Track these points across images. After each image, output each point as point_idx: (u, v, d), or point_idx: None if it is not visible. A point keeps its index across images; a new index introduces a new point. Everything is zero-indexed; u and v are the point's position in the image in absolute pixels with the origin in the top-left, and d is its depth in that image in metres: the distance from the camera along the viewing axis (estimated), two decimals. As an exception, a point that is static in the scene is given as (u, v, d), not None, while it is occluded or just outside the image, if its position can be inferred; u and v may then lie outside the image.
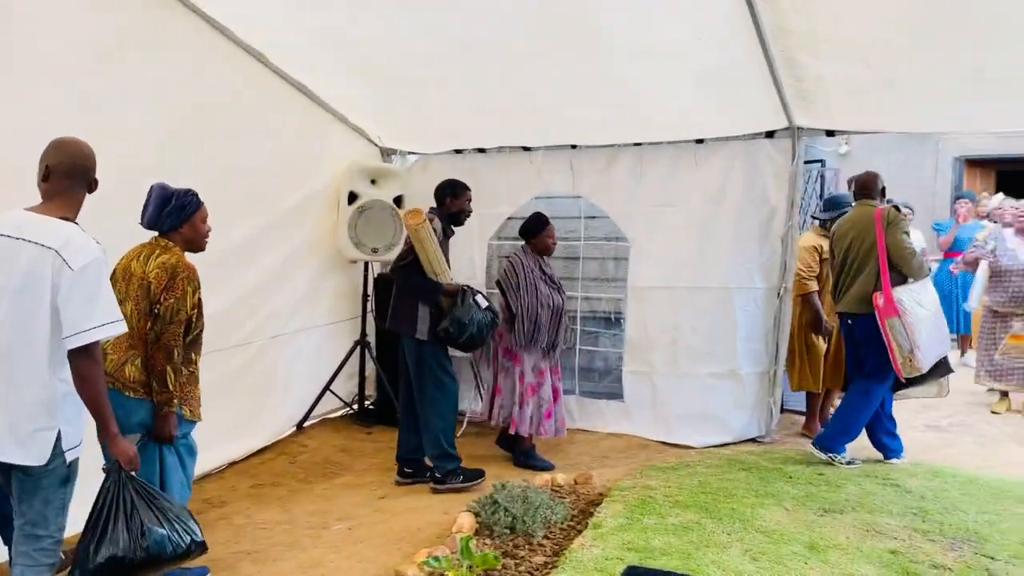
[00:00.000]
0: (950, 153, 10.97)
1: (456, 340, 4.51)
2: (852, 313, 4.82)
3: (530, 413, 4.95)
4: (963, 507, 4.03)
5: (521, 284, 4.92)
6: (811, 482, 4.43)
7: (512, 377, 4.99)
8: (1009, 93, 4.24)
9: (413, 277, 4.53)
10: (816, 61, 4.00)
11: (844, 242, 4.90)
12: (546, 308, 4.94)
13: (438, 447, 4.58)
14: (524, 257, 5.02)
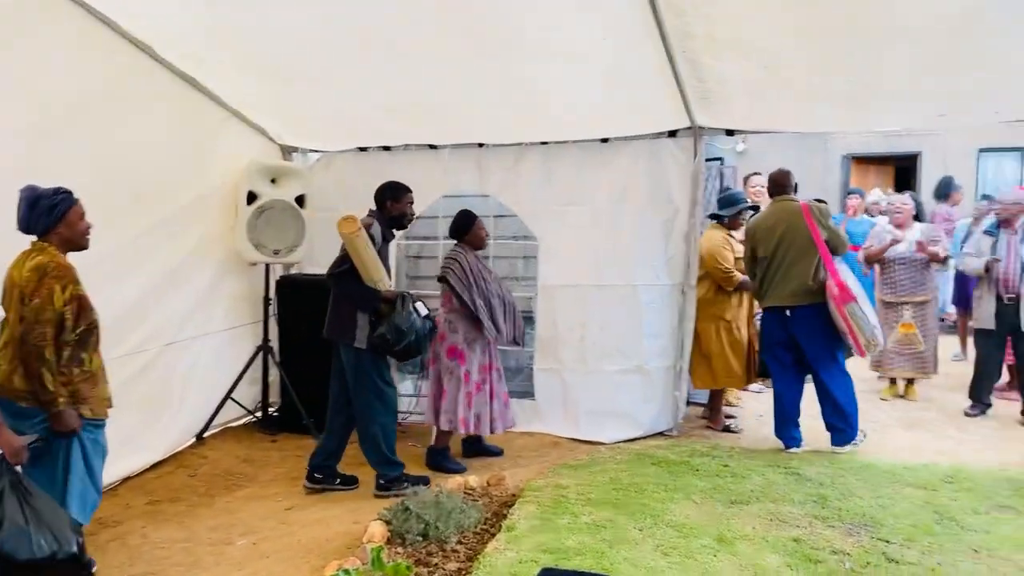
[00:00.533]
0: (838, 151, 11.52)
1: (393, 348, 4.36)
2: (791, 306, 4.94)
3: (476, 412, 4.90)
4: (859, 493, 4.20)
5: (471, 279, 4.85)
6: (718, 474, 4.53)
7: (457, 377, 4.90)
8: (889, 95, 4.45)
9: (350, 284, 4.37)
10: (717, 63, 4.09)
11: (771, 238, 5.00)
12: (498, 299, 4.91)
13: (379, 454, 4.48)
14: (465, 253, 4.96)
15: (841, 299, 4.77)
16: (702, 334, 5.55)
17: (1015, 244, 5.78)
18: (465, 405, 4.86)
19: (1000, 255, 5.83)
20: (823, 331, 4.89)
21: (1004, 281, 5.77)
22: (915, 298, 6.27)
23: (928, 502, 4.06)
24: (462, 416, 4.85)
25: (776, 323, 5.09)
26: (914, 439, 5.34)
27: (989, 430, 5.54)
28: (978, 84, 4.11)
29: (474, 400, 4.89)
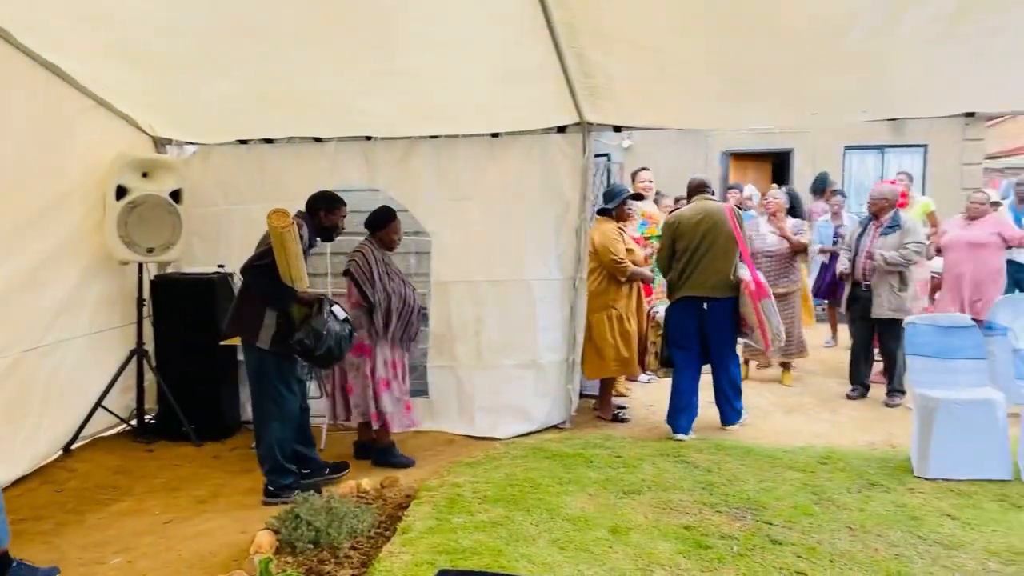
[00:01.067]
0: (718, 148, 11.96)
1: (312, 353, 4.18)
2: (710, 297, 5.20)
3: (389, 408, 4.80)
4: (744, 478, 4.36)
5: (375, 274, 4.74)
6: (611, 465, 4.60)
7: (363, 373, 4.79)
8: (767, 94, 4.63)
9: (265, 279, 4.16)
10: (604, 59, 4.12)
11: (694, 232, 5.22)
12: (400, 298, 4.79)
13: (272, 460, 4.32)
14: (373, 248, 4.83)
15: (758, 295, 5.12)
16: (593, 325, 5.62)
17: (876, 236, 6.13)
18: (373, 402, 4.77)
19: (863, 246, 6.18)
20: (732, 323, 5.27)
21: (861, 269, 6.13)
22: (778, 289, 6.45)
23: (806, 483, 4.26)
24: (374, 411, 4.77)
25: (690, 313, 5.29)
26: (792, 423, 5.60)
27: (858, 412, 5.87)
28: (847, 85, 4.33)
29: (383, 396, 4.78)
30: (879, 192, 6.29)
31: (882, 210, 6.18)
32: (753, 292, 5.12)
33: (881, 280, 6.00)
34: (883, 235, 6.10)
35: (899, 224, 6.09)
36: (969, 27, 3.42)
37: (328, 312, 4.22)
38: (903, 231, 6.04)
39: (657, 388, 6.63)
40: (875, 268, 6.02)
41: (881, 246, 6.05)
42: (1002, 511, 3.83)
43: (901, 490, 4.14)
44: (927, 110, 5.29)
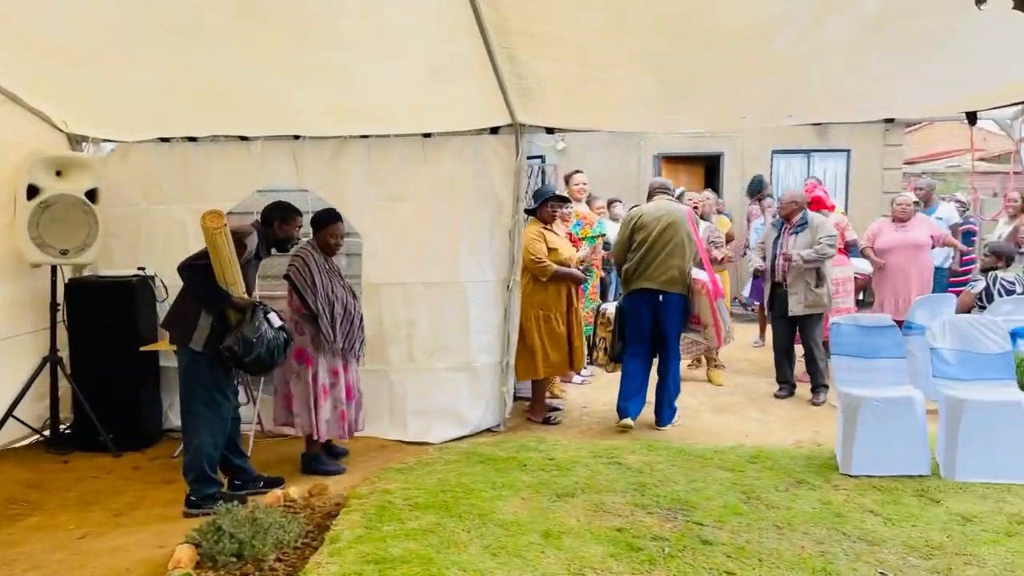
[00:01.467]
0: (651, 151, 12.09)
1: (241, 360, 4.07)
2: (664, 291, 5.39)
3: (326, 416, 4.67)
4: (675, 478, 4.39)
5: (316, 280, 4.59)
6: (544, 468, 4.58)
7: (304, 381, 4.64)
8: (698, 97, 4.68)
9: (200, 280, 4.04)
10: (536, 60, 4.09)
11: (653, 228, 5.44)
12: (341, 304, 4.66)
13: (198, 469, 4.17)
14: (314, 252, 4.69)
15: (715, 294, 5.44)
16: (523, 326, 5.59)
17: (787, 236, 6.31)
18: (313, 409, 4.63)
19: (779, 247, 6.35)
20: (681, 319, 5.51)
21: (779, 271, 6.30)
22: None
23: (736, 483, 4.31)
24: (313, 421, 4.63)
25: (645, 305, 5.47)
26: (722, 423, 5.68)
27: (785, 411, 5.99)
28: (775, 89, 4.41)
29: (322, 405, 4.66)
30: (789, 196, 6.49)
31: (792, 213, 6.37)
32: (710, 292, 5.40)
33: (797, 279, 6.18)
34: (794, 235, 6.29)
35: (807, 223, 6.29)
36: (889, 34, 3.51)
37: (261, 319, 4.11)
38: (812, 228, 6.24)
39: (591, 389, 6.67)
40: (791, 268, 6.18)
41: (794, 246, 6.22)
42: (921, 506, 3.94)
43: (826, 487, 4.23)
44: (850, 115, 5.44)
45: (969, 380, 4.55)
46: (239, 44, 4.08)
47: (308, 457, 4.80)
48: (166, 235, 5.61)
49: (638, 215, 5.60)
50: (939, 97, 4.80)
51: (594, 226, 6.78)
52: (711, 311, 5.39)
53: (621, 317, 5.68)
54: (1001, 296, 5.92)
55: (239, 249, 4.11)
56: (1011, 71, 4.26)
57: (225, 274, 4.02)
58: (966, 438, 4.25)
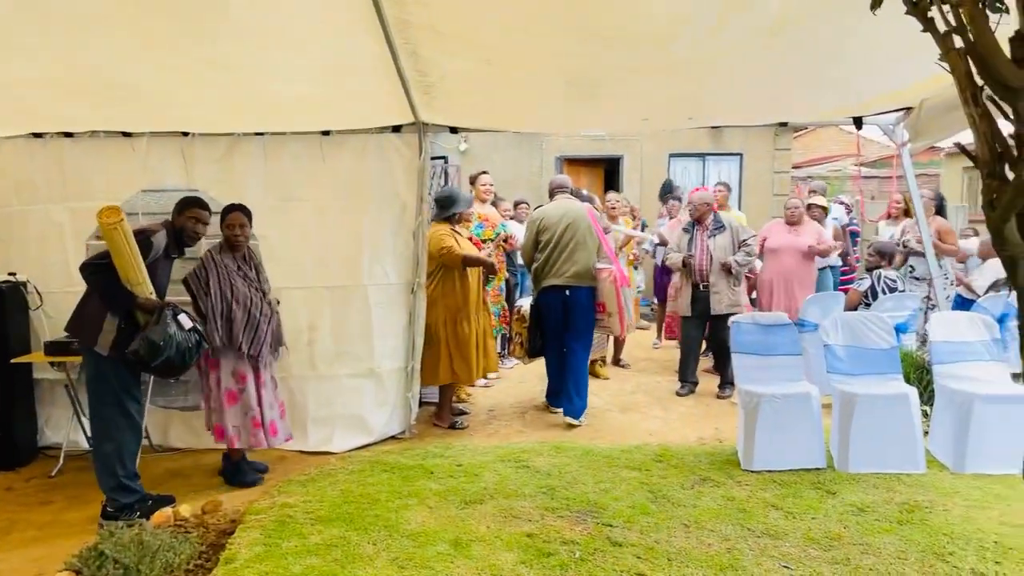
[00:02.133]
0: (552, 153, 12.17)
1: (148, 364, 3.87)
2: (573, 286, 5.64)
3: (235, 423, 4.44)
4: (583, 480, 4.38)
5: (212, 281, 4.37)
6: (451, 475, 4.48)
7: (211, 384, 4.46)
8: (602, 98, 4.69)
9: (102, 280, 3.83)
10: (439, 56, 3.99)
11: (557, 226, 5.68)
12: (242, 307, 4.41)
13: (113, 477, 3.97)
14: (217, 254, 4.47)
15: (622, 283, 5.73)
16: (433, 330, 5.48)
17: (705, 239, 6.43)
18: (220, 414, 4.43)
19: (694, 249, 6.46)
20: (590, 312, 5.72)
21: (699, 271, 6.41)
22: None
23: (643, 482, 4.34)
24: (217, 423, 4.44)
25: (556, 301, 5.70)
26: (628, 422, 5.73)
27: (687, 409, 6.10)
28: (676, 91, 4.46)
29: (228, 411, 4.43)
30: (701, 198, 6.61)
31: (704, 215, 6.50)
32: (617, 282, 5.66)
33: (720, 279, 6.34)
34: (712, 237, 6.42)
35: (723, 225, 6.44)
36: (785, 39, 3.59)
37: (169, 321, 3.91)
38: (732, 230, 6.42)
39: (497, 392, 6.61)
40: (713, 269, 6.33)
41: (715, 248, 6.37)
42: (819, 498, 4.06)
43: (730, 484, 4.31)
44: (747, 119, 5.58)
45: (860, 375, 4.73)
46: (121, 33, 3.79)
47: (230, 466, 4.60)
48: (41, 237, 5.21)
49: (541, 216, 5.83)
50: (829, 102, 4.98)
51: (497, 228, 6.74)
52: (616, 300, 5.64)
53: (536, 314, 5.92)
54: (885, 294, 6.21)
55: (145, 248, 3.94)
56: (895, 78, 4.47)
57: (128, 274, 3.85)
58: (858, 431, 4.42)
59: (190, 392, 5.28)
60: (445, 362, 5.51)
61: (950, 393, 4.58)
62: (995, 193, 2.09)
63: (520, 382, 6.92)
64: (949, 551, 3.42)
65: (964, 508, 3.89)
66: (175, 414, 5.31)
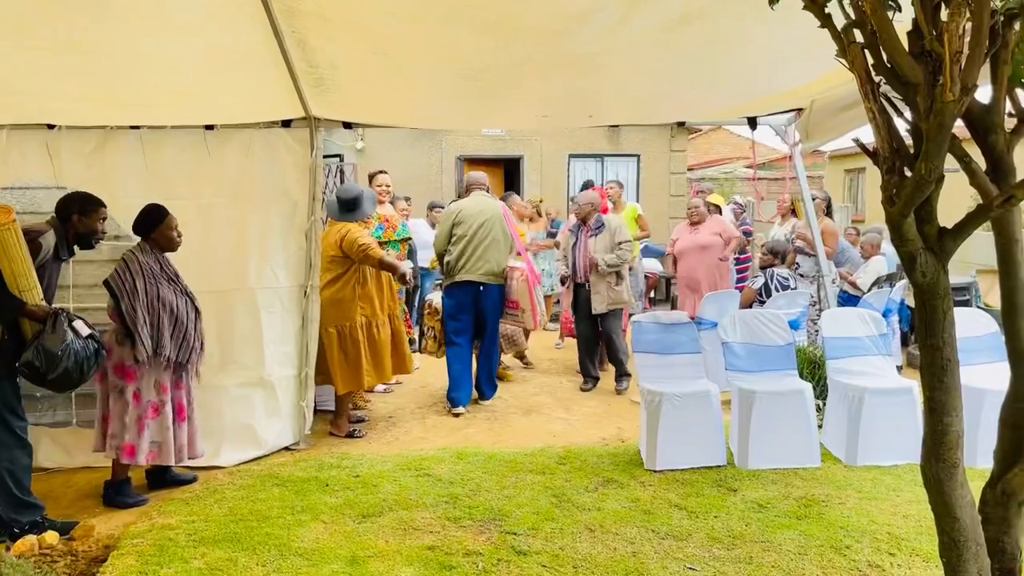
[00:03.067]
0: (452, 152, 12.03)
1: (44, 377, 3.52)
2: (485, 283, 5.82)
3: (152, 438, 4.12)
4: (486, 486, 4.25)
5: (138, 285, 4.04)
6: (348, 487, 4.27)
7: (125, 398, 4.07)
8: (501, 94, 4.57)
9: None
10: (329, 46, 3.78)
11: (472, 223, 5.81)
12: (169, 313, 4.11)
13: (9, 496, 3.65)
14: (141, 255, 4.14)
15: (534, 281, 5.96)
16: (332, 335, 5.23)
17: (587, 239, 6.48)
18: (136, 431, 4.07)
19: (577, 249, 6.56)
20: (500, 307, 5.96)
21: (581, 271, 6.51)
22: None
23: (548, 487, 4.25)
24: (129, 442, 4.06)
25: (468, 296, 5.87)
26: (531, 424, 5.64)
27: (590, 409, 6.07)
28: (577, 88, 4.39)
29: (148, 425, 4.09)
30: (585, 199, 6.71)
31: (588, 215, 6.57)
32: (530, 279, 5.91)
33: (599, 280, 6.44)
34: (593, 237, 6.50)
35: (603, 225, 6.54)
36: (685, 37, 3.57)
37: (65, 328, 3.58)
38: (610, 231, 6.51)
39: (396, 398, 6.41)
40: (593, 268, 6.41)
41: (595, 247, 6.45)
42: (720, 496, 4.08)
43: (634, 484, 4.27)
44: (645, 117, 5.59)
45: (758, 372, 4.80)
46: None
47: (112, 486, 4.24)
48: None
49: (458, 210, 5.96)
50: (725, 102, 5.04)
51: (397, 229, 6.53)
52: (529, 297, 5.89)
53: (447, 306, 6.05)
54: (778, 291, 6.37)
55: (33, 249, 3.62)
56: (787, 78, 4.54)
57: (18, 280, 3.54)
58: (757, 427, 4.47)
59: (58, 408, 4.85)
60: (348, 368, 5.26)
61: (842, 387, 4.71)
62: (895, 189, 2.09)
63: (421, 386, 6.74)
64: (846, 544, 3.47)
65: (858, 500, 3.98)
66: (43, 431, 4.85)
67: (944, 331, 2.17)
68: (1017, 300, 2.29)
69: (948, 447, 2.22)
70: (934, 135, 1.85)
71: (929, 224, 2.13)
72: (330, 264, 5.24)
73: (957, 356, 2.20)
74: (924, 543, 3.44)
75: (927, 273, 2.12)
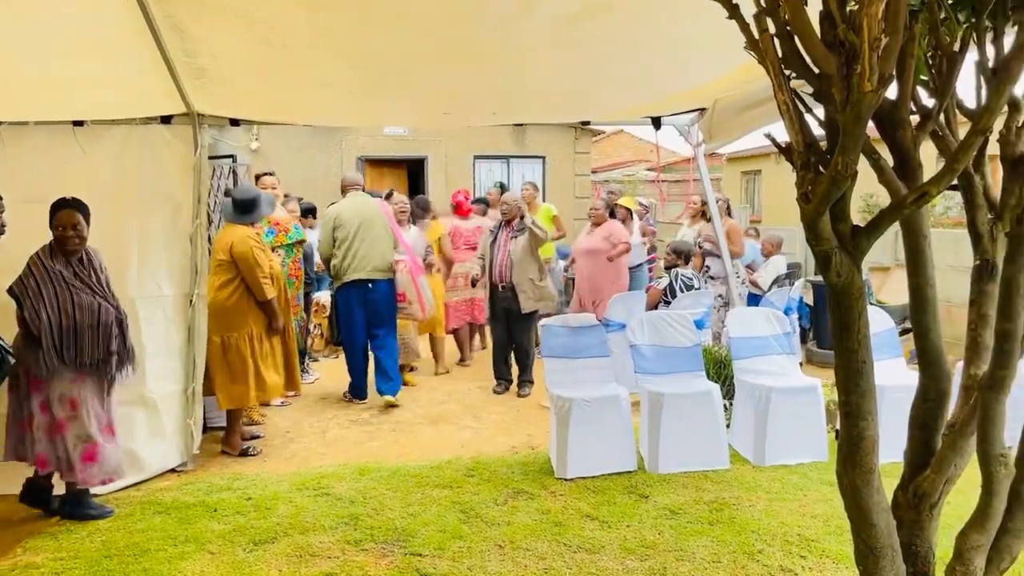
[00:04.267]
0: (353, 152, 11.67)
1: None
2: (372, 279, 5.93)
3: (58, 453, 3.83)
4: (390, 504, 4.01)
5: (45, 291, 3.75)
6: (239, 511, 3.95)
7: (30, 411, 3.80)
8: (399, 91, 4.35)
9: None
10: (208, 33, 3.47)
11: (352, 223, 5.91)
12: (83, 319, 3.79)
13: None
14: (46, 258, 3.84)
15: (417, 271, 6.08)
16: (215, 345, 4.85)
17: (509, 240, 6.33)
18: (46, 442, 3.80)
19: (496, 250, 6.38)
20: (393, 301, 6.03)
21: (499, 273, 6.32)
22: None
23: (455, 501, 4.05)
24: (41, 453, 3.81)
25: (359, 295, 5.95)
26: (438, 435, 5.42)
27: (499, 416, 5.90)
28: (480, 83, 4.22)
29: (56, 437, 3.80)
30: (514, 199, 6.52)
31: (515, 216, 6.39)
32: (412, 269, 5.98)
33: (522, 278, 6.28)
34: (515, 238, 6.34)
35: (525, 227, 6.37)
36: (588, 31, 3.45)
37: None
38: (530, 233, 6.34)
39: (293, 411, 6.06)
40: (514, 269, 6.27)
41: (514, 250, 6.32)
42: (633, 504, 3.97)
43: (544, 495, 4.12)
44: (550, 116, 5.48)
45: (666, 374, 4.74)
46: None
47: (69, 498, 3.95)
48: None
49: (336, 213, 6.02)
50: (630, 100, 4.97)
51: (290, 232, 6.22)
52: (415, 288, 5.98)
53: (336, 307, 6.15)
54: (683, 291, 6.37)
55: None
56: (691, 77, 4.51)
57: None
58: (666, 430, 4.40)
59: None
60: (244, 382, 4.90)
61: (749, 387, 4.70)
62: (810, 185, 2.00)
63: (321, 397, 6.42)
64: (758, 549, 3.42)
65: (767, 502, 3.95)
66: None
67: (859, 333, 2.09)
68: (926, 297, 2.26)
69: (864, 453, 2.15)
70: (851, 128, 1.75)
71: (843, 222, 2.05)
72: (219, 268, 4.88)
73: (872, 358, 2.14)
74: (834, 544, 3.43)
75: (842, 273, 2.04)
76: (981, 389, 2.12)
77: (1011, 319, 2.02)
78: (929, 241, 2.26)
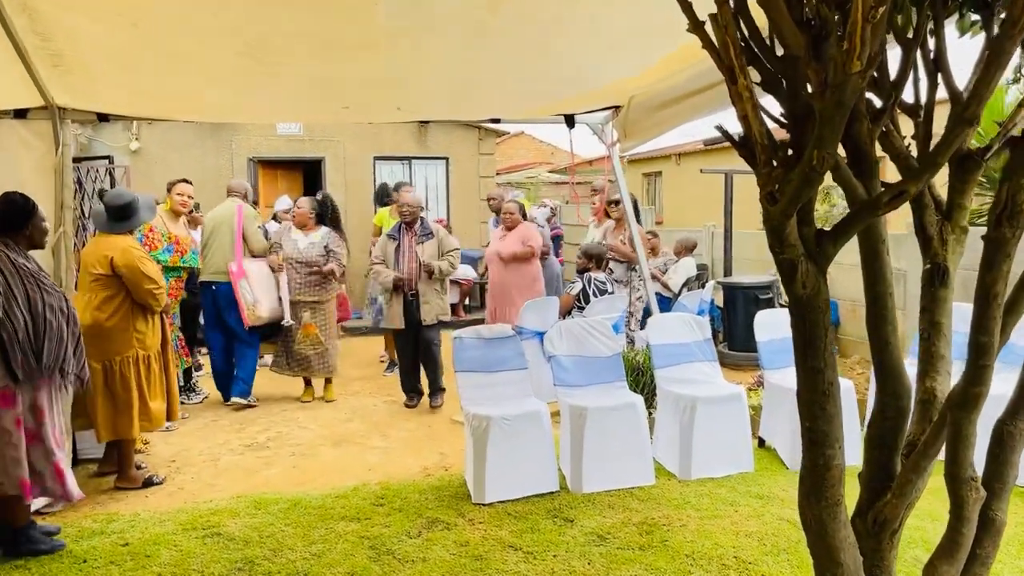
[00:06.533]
0: (244, 153, 10.99)
1: None
2: (217, 281, 6.08)
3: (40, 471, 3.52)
4: (290, 544, 3.59)
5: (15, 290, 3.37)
6: (113, 560, 3.44)
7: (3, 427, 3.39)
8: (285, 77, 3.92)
9: None
10: (63, 14, 2.98)
11: (210, 228, 6.20)
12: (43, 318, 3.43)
13: None
14: (12, 253, 3.43)
15: (237, 276, 6.00)
16: (96, 372, 4.28)
17: (414, 245, 5.97)
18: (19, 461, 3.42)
19: (402, 257, 6.01)
20: (233, 303, 6.02)
21: (408, 280, 5.97)
22: (310, 298, 6.31)
23: (363, 536, 3.66)
24: (20, 476, 3.42)
25: (207, 295, 6.20)
26: (342, 458, 5.00)
27: (408, 433, 5.52)
28: (381, 75, 3.86)
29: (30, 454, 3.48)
30: (416, 200, 6.17)
31: (416, 218, 6.05)
32: (233, 274, 6.00)
33: (428, 289, 6.02)
34: (420, 244, 6.02)
35: (431, 232, 6.13)
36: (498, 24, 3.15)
37: None
38: (440, 239, 6.14)
39: (180, 436, 5.49)
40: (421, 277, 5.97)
41: (423, 255, 6.00)
42: (557, 529, 3.69)
43: (462, 524, 3.78)
44: (458, 113, 5.15)
45: (587, 385, 4.49)
46: None
47: (13, 533, 3.51)
48: None
49: (208, 219, 6.33)
50: (542, 97, 4.70)
51: (185, 256, 5.75)
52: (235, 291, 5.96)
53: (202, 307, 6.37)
54: (596, 296, 6.16)
55: None
56: (605, 74, 4.27)
57: None
58: (589, 447, 4.15)
59: None
60: (134, 408, 4.35)
61: (673, 397, 4.51)
62: (777, 183, 1.75)
63: (212, 420, 5.88)
64: (694, 575, 3.19)
65: (699, 520, 3.74)
66: None
67: (825, 350, 1.87)
68: (885, 308, 2.05)
69: (831, 484, 1.93)
70: (830, 115, 1.51)
71: (807, 226, 1.82)
72: (95, 284, 4.31)
73: (839, 379, 1.92)
74: (771, 565, 3.24)
75: (808, 284, 1.81)
76: (951, 407, 1.92)
77: (988, 332, 1.83)
78: (887, 246, 2.06)
